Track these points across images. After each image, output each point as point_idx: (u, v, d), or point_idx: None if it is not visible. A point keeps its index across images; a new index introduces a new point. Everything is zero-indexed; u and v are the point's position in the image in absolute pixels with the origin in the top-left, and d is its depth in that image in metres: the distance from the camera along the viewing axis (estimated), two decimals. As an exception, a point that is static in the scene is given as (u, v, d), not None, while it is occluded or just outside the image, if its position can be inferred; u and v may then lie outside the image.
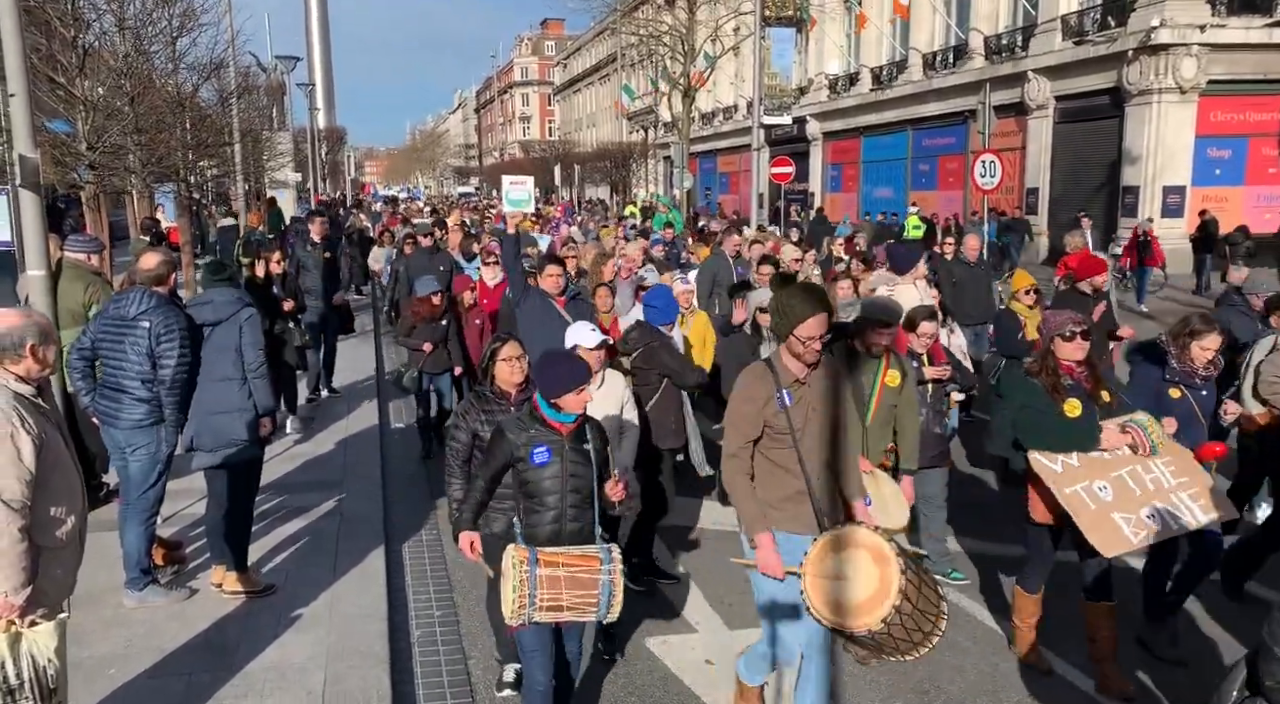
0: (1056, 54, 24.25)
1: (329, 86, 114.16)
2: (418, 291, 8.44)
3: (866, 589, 3.60)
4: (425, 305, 8.32)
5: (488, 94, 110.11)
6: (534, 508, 3.81)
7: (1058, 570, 4.97)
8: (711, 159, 48.86)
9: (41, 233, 6.32)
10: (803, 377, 3.89)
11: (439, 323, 8.34)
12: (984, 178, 17.50)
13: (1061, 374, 4.63)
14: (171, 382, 5.20)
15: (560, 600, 3.62)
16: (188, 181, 17.67)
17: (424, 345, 8.27)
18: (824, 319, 3.77)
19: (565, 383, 3.76)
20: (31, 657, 3.27)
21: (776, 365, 3.90)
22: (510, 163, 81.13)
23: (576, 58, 77.72)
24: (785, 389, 3.85)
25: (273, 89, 36.78)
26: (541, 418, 3.82)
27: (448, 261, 11.32)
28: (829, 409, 3.97)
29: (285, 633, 5.01)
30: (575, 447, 3.84)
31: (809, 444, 3.89)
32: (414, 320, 8.38)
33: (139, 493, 5.30)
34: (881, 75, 33.02)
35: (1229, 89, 21.85)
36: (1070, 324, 4.63)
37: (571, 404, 3.78)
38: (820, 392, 3.95)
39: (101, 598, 5.32)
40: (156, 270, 5.42)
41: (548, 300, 6.78)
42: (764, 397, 3.87)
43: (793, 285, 4.32)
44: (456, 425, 4.48)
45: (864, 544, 3.68)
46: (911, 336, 5.80)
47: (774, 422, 3.86)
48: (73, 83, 11.48)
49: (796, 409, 3.87)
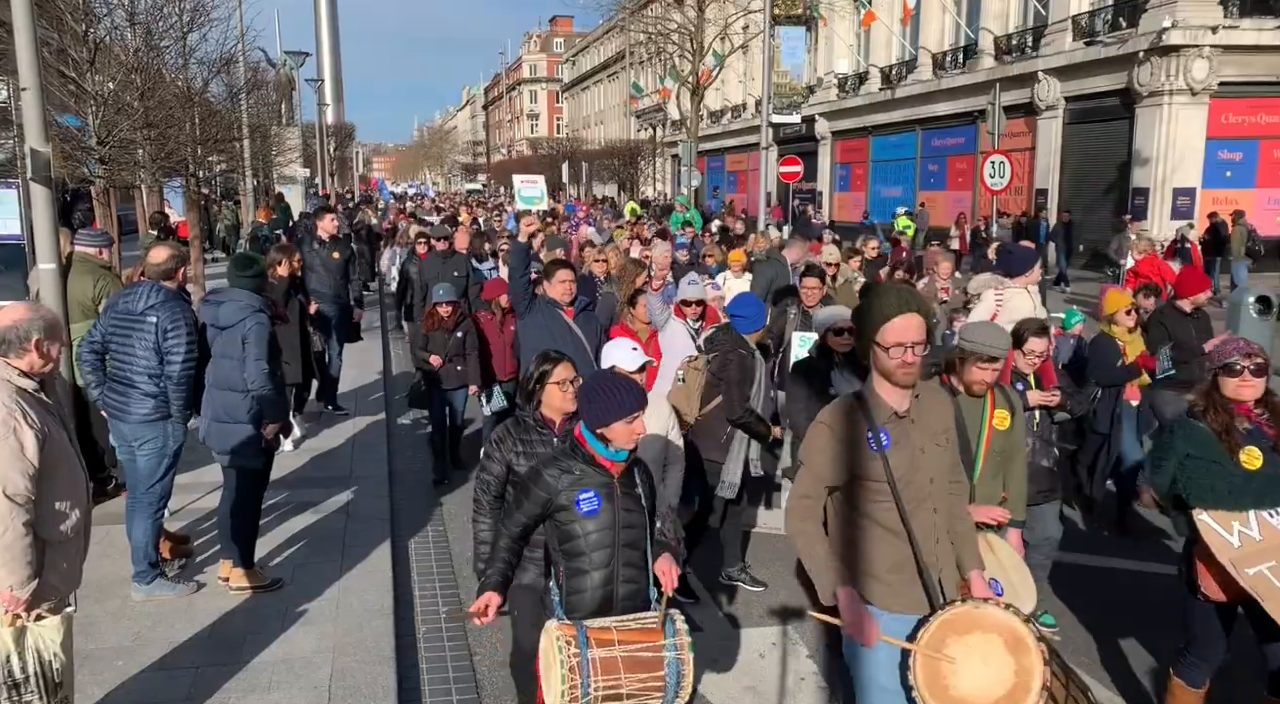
0: (1067, 54, 24.15)
1: (338, 82, 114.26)
2: (432, 299, 7.92)
3: (999, 683, 2.90)
4: (434, 317, 7.78)
5: (496, 91, 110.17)
6: (578, 568, 3.18)
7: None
8: (720, 158, 48.82)
9: (52, 227, 6.34)
10: (903, 410, 3.08)
11: (453, 334, 7.74)
12: (993, 178, 17.48)
13: (1237, 415, 3.81)
14: (178, 378, 5.20)
15: (619, 687, 3.00)
16: (197, 176, 17.70)
17: (432, 359, 7.68)
18: (916, 321, 2.99)
19: (617, 409, 3.15)
20: (37, 651, 3.29)
21: (869, 397, 3.13)
22: (518, 160, 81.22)
23: (585, 55, 77.71)
24: (881, 426, 3.07)
25: (281, 85, 36.82)
26: (588, 454, 3.20)
27: (463, 266, 10.74)
28: (940, 452, 3.18)
29: (292, 627, 5.03)
30: (628, 491, 3.24)
31: (914, 497, 3.09)
32: (426, 330, 7.86)
33: (146, 487, 5.32)
34: (891, 75, 32.96)
35: (1240, 91, 21.74)
36: (1239, 356, 3.78)
37: (622, 436, 3.18)
38: (928, 429, 3.14)
39: (109, 591, 5.34)
40: (165, 265, 5.42)
41: (555, 311, 6.14)
42: (853, 436, 3.08)
43: (874, 285, 3.55)
44: (489, 455, 3.90)
45: (996, 626, 2.95)
46: (1017, 355, 4.98)
47: (868, 469, 3.07)
48: (83, 77, 11.49)
49: (898, 452, 3.06)
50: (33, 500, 3.26)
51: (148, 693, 4.38)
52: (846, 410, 3.15)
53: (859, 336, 3.16)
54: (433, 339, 7.73)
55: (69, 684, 3.45)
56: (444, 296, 7.73)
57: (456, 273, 10.37)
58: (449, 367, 7.70)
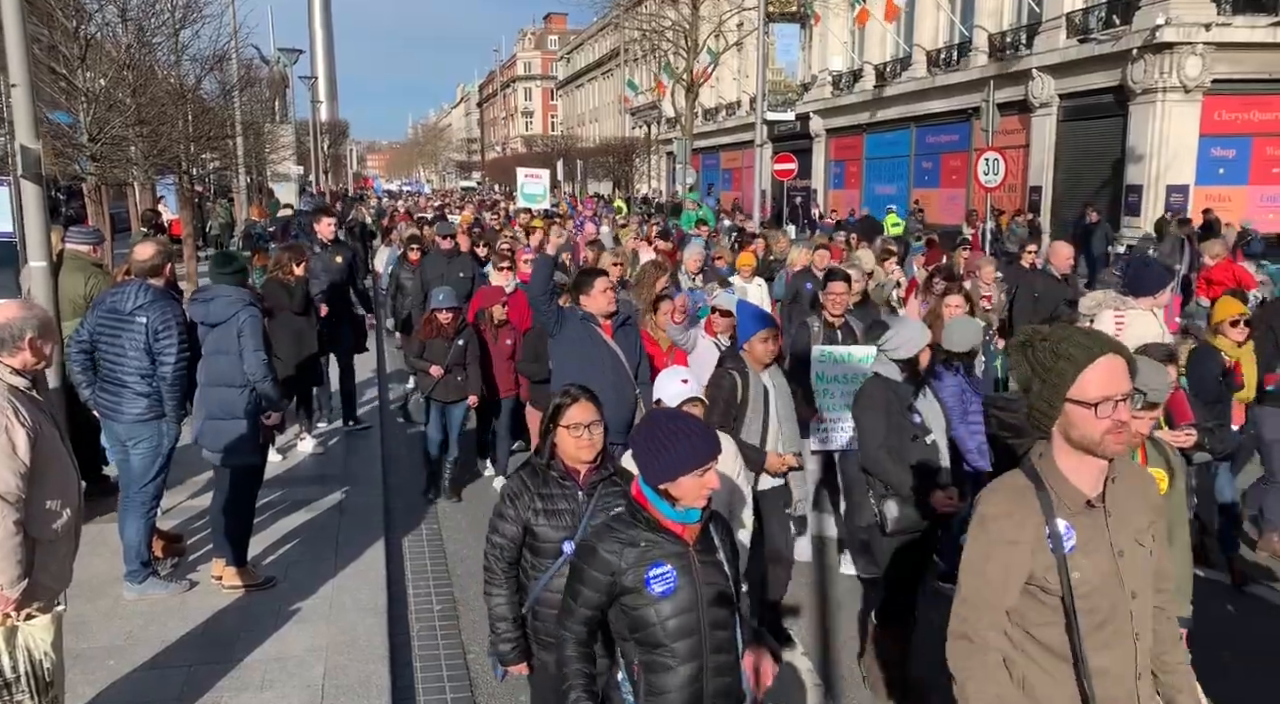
0: (1061, 52, 24.18)
1: (331, 79, 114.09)
2: (431, 304, 7.24)
3: None
4: (433, 323, 7.14)
5: (490, 88, 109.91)
6: (660, 663, 2.52)
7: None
8: (714, 155, 48.79)
9: (43, 224, 6.30)
10: (1096, 494, 2.28)
11: (454, 342, 7.14)
12: (987, 176, 17.46)
13: None
14: (172, 378, 5.18)
15: None
16: (189, 174, 17.66)
17: (431, 369, 7.10)
18: (1121, 365, 2.23)
19: (685, 461, 2.49)
20: (28, 650, 3.27)
21: (1047, 476, 2.30)
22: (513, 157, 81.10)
23: (579, 52, 77.61)
24: (1066, 521, 2.27)
25: (275, 82, 36.74)
26: (653, 518, 2.55)
27: (469, 268, 9.85)
28: (1143, 554, 2.34)
29: (285, 626, 5.01)
30: (707, 558, 2.59)
31: (1105, 618, 2.27)
32: (423, 337, 7.24)
33: (139, 486, 5.29)
34: (885, 72, 32.96)
35: (1234, 88, 21.77)
36: None
37: (692, 492, 2.51)
38: (1129, 522, 2.33)
39: (102, 589, 5.31)
40: (151, 261, 5.36)
41: (590, 327, 5.27)
42: (1031, 535, 2.27)
43: (1038, 328, 2.43)
44: (500, 514, 3.19)
45: None
46: None
47: (1043, 578, 2.27)
48: (74, 74, 11.47)
49: (1086, 556, 2.26)
50: (23, 499, 3.24)
51: (140, 692, 4.36)
52: (1019, 494, 2.31)
53: (1038, 405, 2.30)
54: (431, 347, 7.14)
55: (60, 684, 3.43)
56: (444, 302, 7.12)
57: (462, 274, 9.52)
58: (449, 378, 7.13)
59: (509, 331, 7.50)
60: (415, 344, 7.33)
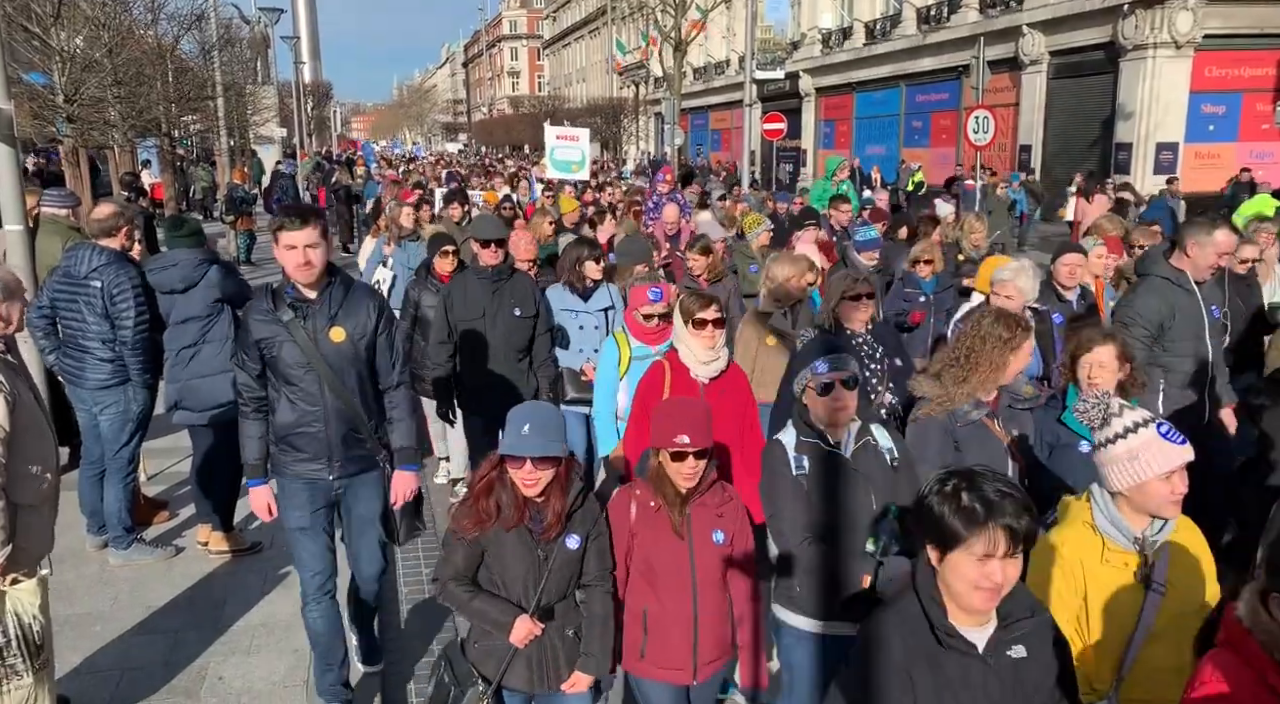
0: (1051, 7, 23.94)
1: (314, 40, 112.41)
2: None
3: None
4: None
5: (476, 48, 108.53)
6: None
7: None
8: (703, 115, 48.39)
9: (18, 187, 6.21)
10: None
11: None
12: (977, 134, 17.39)
13: None
14: (133, 342, 5.09)
15: None
16: (171, 136, 17.42)
17: None
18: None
19: None
20: (16, 615, 3.25)
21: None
22: (499, 119, 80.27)
23: (566, 10, 76.54)
24: None
25: (256, 42, 36.14)
26: None
27: (528, 297, 5.50)
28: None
29: (272, 591, 5.01)
30: None
31: None
32: None
33: (114, 452, 5.24)
34: (875, 29, 32.62)
35: (1224, 44, 21.64)
36: None
37: None
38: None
39: (87, 556, 5.30)
40: (107, 222, 5.21)
41: None
42: None
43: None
44: None
45: None
46: None
47: None
48: (48, 33, 11.23)
49: None
50: (4, 465, 3.21)
51: (127, 657, 4.36)
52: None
53: None
54: None
55: (49, 647, 3.42)
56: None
57: (519, 311, 5.43)
58: None
59: None
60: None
